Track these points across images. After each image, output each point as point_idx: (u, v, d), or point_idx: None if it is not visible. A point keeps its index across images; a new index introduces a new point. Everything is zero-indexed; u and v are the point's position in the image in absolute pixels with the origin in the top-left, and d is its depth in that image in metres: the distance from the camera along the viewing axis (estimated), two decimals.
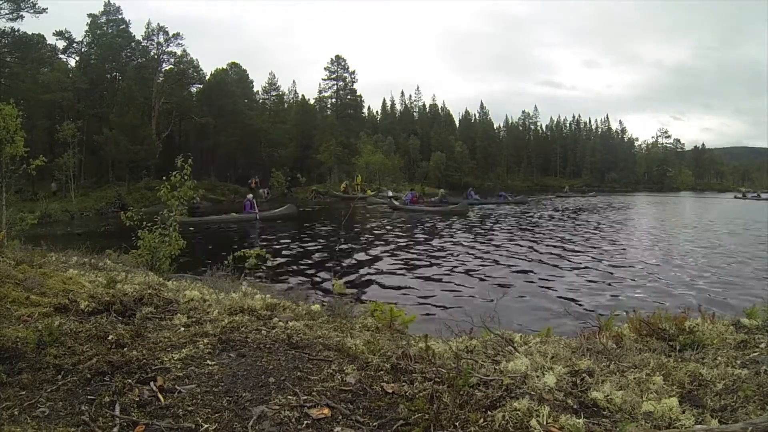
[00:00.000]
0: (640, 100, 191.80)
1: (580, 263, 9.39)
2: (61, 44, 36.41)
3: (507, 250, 10.97)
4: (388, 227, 16.04)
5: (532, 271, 8.57)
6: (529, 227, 16.34)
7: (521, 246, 11.68)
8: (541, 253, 10.48)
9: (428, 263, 9.34)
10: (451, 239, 12.97)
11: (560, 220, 19.57)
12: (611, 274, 8.38)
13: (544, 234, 14.36)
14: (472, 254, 10.40)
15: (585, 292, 6.98)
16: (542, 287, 7.32)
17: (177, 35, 38.66)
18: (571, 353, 1.99)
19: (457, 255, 10.24)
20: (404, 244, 12.11)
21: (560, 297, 6.66)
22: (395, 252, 10.76)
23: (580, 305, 6.20)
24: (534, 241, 12.51)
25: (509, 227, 16.27)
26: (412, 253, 10.64)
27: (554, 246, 11.67)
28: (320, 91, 54.24)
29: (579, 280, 7.83)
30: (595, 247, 11.62)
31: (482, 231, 15.17)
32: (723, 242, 12.91)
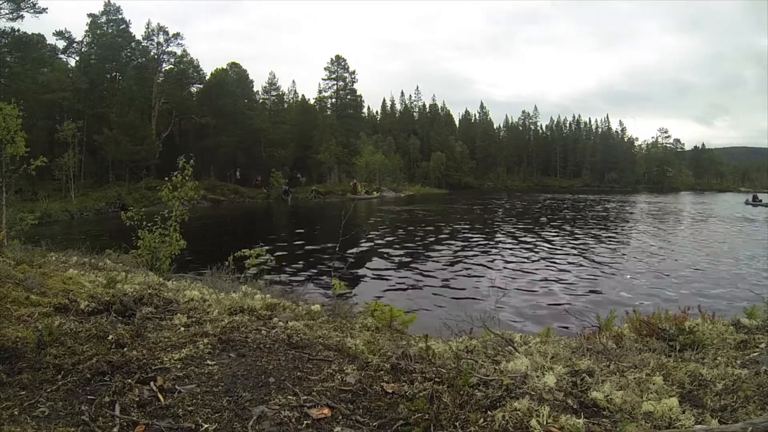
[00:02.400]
0: None
1: (581, 264, 9.39)
2: (61, 44, 36.44)
3: (508, 250, 10.97)
4: (388, 227, 16.04)
5: (532, 271, 8.57)
6: (529, 227, 16.34)
7: (523, 245, 11.68)
8: (542, 253, 10.49)
9: (429, 263, 9.34)
10: (452, 239, 12.97)
11: (563, 218, 19.57)
12: (613, 274, 8.38)
13: (544, 234, 14.36)
14: (473, 254, 10.40)
15: (585, 293, 6.98)
16: (542, 287, 7.32)
17: (177, 35, 38.69)
18: (571, 353, 1.99)
19: (458, 255, 10.24)
20: (405, 244, 12.11)
21: (560, 297, 6.66)
22: (395, 252, 10.76)
23: (580, 305, 6.20)
24: (536, 241, 12.51)
25: (511, 227, 16.27)
26: (412, 253, 10.64)
27: (558, 245, 11.67)
28: (320, 91, 54.30)
29: (579, 280, 7.83)
30: (593, 248, 11.62)
31: (484, 231, 15.17)
32: None
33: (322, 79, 54.11)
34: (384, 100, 71.13)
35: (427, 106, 70.79)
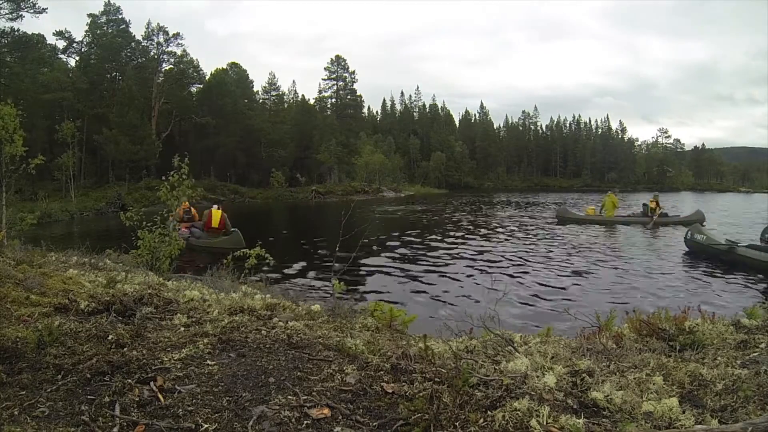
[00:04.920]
0: None
1: (581, 263, 9.39)
2: (61, 44, 36.49)
3: (508, 250, 10.98)
4: (388, 227, 16.05)
5: (532, 272, 8.57)
6: (529, 227, 16.35)
7: (522, 245, 11.69)
8: (542, 253, 10.49)
9: (428, 263, 9.34)
10: (452, 239, 12.98)
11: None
12: (615, 275, 8.38)
13: (543, 234, 14.36)
14: (473, 254, 10.40)
15: (585, 293, 6.97)
16: (542, 287, 7.32)
17: (177, 35, 38.72)
18: (571, 353, 1.99)
19: (458, 255, 10.24)
20: (404, 244, 12.11)
21: (560, 297, 6.66)
22: (395, 252, 10.76)
23: (581, 305, 6.20)
24: (536, 241, 12.51)
25: (510, 227, 16.28)
26: (412, 253, 10.64)
27: (555, 246, 11.68)
28: (320, 91, 54.36)
29: (579, 281, 7.83)
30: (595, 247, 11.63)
31: (483, 231, 15.18)
32: None
33: (322, 79, 54.17)
34: (384, 100, 71.21)
35: (427, 106, 70.85)
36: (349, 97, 53.73)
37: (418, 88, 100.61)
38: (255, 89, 47.95)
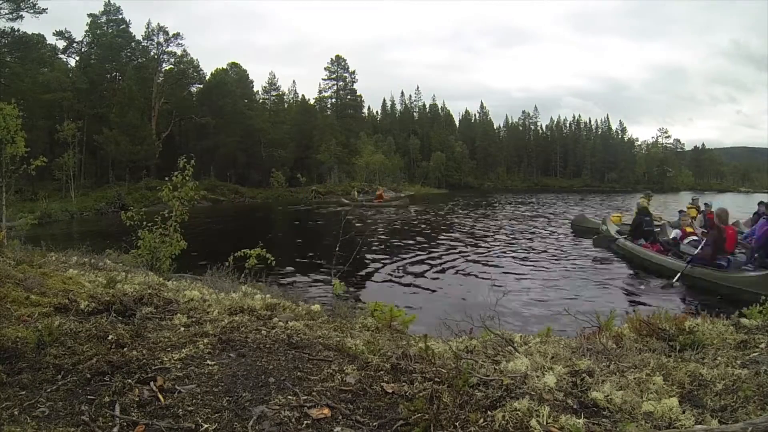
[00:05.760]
0: None
1: (580, 263, 9.39)
2: (61, 44, 36.52)
3: (508, 250, 10.97)
4: (388, 227, 16.05)
5: (533, 271, 8.57)
6: (528, 227, 16.34)
7: (522, 246, 11.68)
8: (541, 253, 10.49)
9: (428, 263, 9.34)
10: (452, 239, 12.97)
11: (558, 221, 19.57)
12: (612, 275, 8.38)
13: (544, 234, 14.36)
14: (473, 254, 10.40)
15: (586, 292, 6.97)
16: (543, 287, 7.32)
17: (177, 35, 38.75)
18: (571, 353, 1.99)
19: (459, 255, 10.24)
20: (404, 244, 12.11)
21: (561, 297, 6.66)
22: (395, 252, 10.76)
23: (581, 305, 6.20)
24: (534, 242, 12.51)
25: (510, 228, 16.27)
26: (412, 253, 10.64)
27: (554, 247, 11.68)
28: (320, 91, 54.40)
29: (578, 280, 7.83)
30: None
31: (483, 232, 15.17)
32: None
33: (322, 79, 54.22)
34: (384, 100, 71.21)
35: (427, 106, 70.86)
36: (349, 97, 53.75)
37: (418, 88, 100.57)
38: (255, 89, 48.01)
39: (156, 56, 39.01)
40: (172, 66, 39.77)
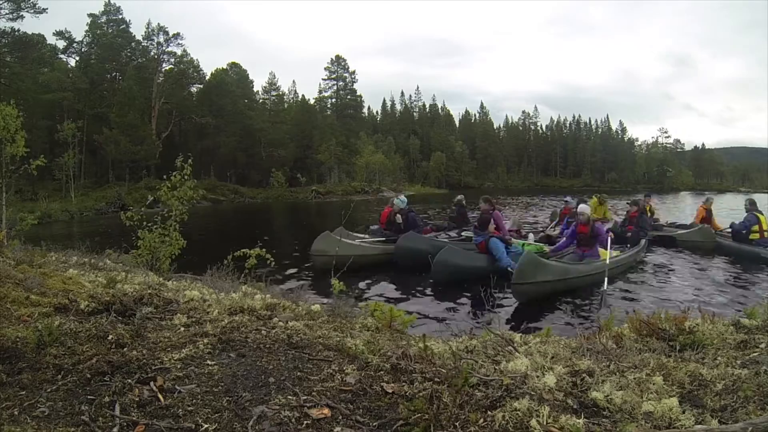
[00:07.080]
0: None
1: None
2: (61, 44, 36.52)
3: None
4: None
5: None
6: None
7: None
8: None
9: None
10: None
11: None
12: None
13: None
14: None
15: (586, 293, 6.97)
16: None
17: (177, 35, 38.76)
18: (571, 353, 1.99)
19: None
20: None
21: (561, 297, 6.65)
22: None
23: (582, 305, 6.20)
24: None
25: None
26: None
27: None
28: (320, 91, 54.45)
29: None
30: None
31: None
32: None
33: (322, 79, 54.25)
34: (384, 100, 71.24)
35: (427, 106, 70.89)
36: (349, 97, 53.78)
37: (417, 88, 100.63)
38: (255, 89, 48.02)
39: (156, 56, 39.02)
40: (172, 66, 39.78)
